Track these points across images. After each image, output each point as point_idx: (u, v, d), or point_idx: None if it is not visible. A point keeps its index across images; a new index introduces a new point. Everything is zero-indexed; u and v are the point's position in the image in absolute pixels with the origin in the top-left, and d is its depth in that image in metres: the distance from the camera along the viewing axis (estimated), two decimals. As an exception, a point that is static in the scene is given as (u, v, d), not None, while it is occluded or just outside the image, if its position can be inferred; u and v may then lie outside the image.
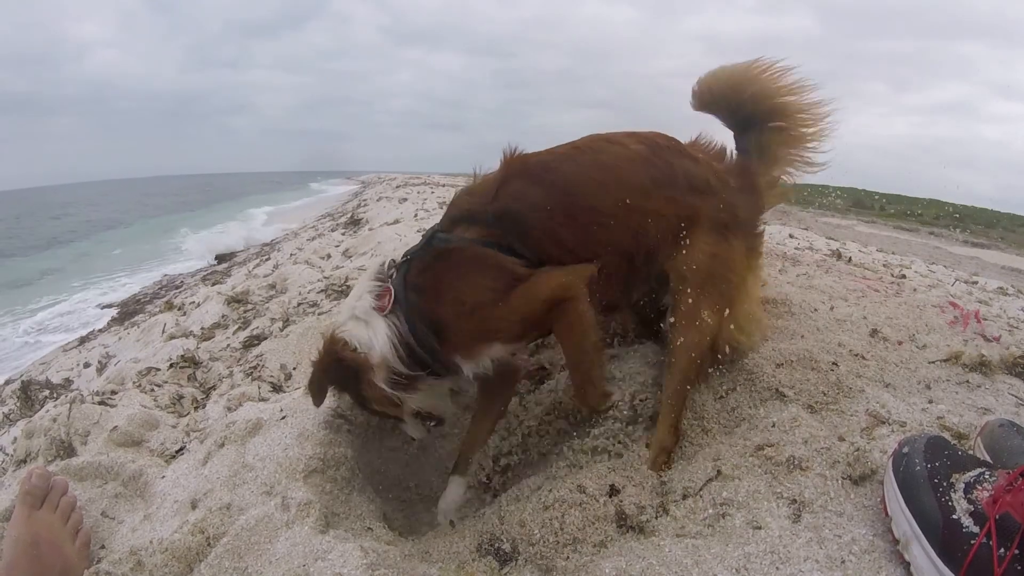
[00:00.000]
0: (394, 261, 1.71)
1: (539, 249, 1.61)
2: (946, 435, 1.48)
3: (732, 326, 1.68)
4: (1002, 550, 0.96)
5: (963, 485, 1.09)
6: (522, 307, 1.57)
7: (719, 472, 1.43)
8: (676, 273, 1.64)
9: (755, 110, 1.81)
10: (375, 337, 1.58)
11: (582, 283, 1.57)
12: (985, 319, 2.60)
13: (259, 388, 2.35)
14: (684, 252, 1.64)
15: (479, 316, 1.57)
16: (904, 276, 4.10)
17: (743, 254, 1.71)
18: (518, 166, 1.68)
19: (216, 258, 13.01)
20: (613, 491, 1.47)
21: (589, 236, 1.62)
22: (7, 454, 2.41)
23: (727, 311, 1.64)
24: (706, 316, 1.60)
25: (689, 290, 1.61)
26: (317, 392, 1.69)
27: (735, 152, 1.85)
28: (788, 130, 1.81)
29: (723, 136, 1.87)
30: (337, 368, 1.61)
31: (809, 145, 1.84)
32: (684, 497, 1.42)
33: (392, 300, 1.61)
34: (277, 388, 2.37)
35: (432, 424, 1.83)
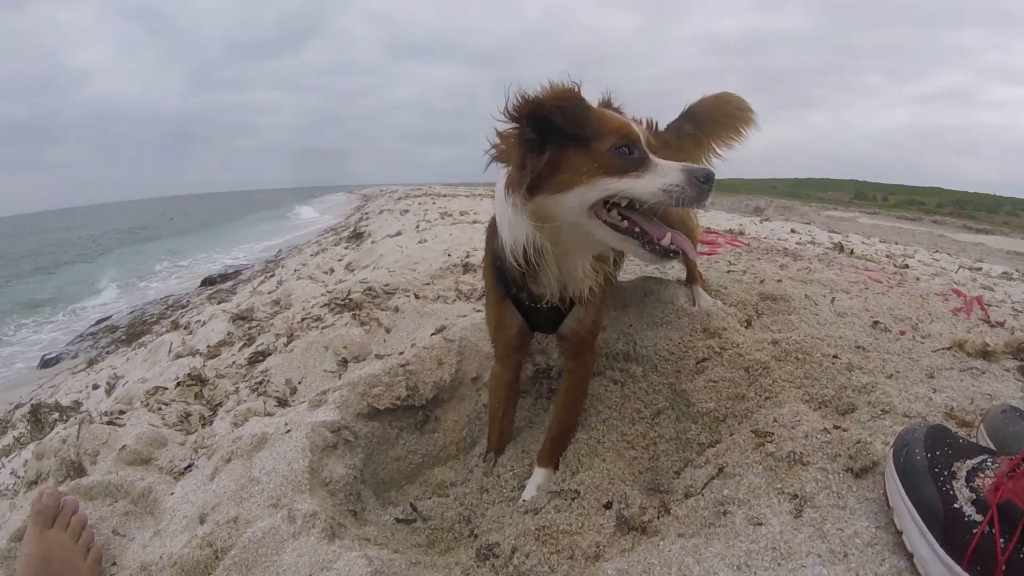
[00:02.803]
0: None
1: None
2: (951, 424, 1.48)
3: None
4: (1005, 537, 0.96)
5: (965, 473, 1.08)
6: None
7: (721, 470, 1.43)
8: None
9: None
10: None
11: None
12: (989, 305, 2.60)
13: (265, 403, 2.35)
14: None
15: None
16: (907, 266, 4.10)
17: None
18: None
19: (202, 282, 12.73)
20: (612, 495, 1.49)
21: None
22: (18, 476, 2.42)
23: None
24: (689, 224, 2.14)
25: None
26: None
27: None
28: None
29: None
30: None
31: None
32: (686, 496, 1.43)
33: None
34: (283, 403, 2.38)
35: None
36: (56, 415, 3.43)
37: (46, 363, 8.35)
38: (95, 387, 4.40)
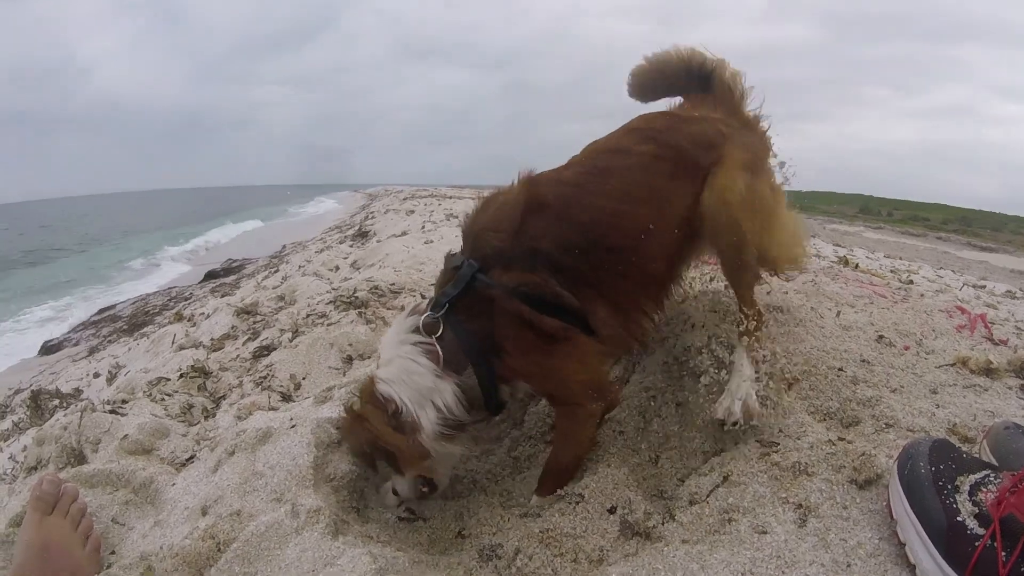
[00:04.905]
0: (425, 306, 1.60)
1: (576, 290, 1.53)
2: (953, 439, 1.48)
3: (776, 248, 1.73)
4: (1006, 551, 0.97)
5: (968, 487, 1.09)
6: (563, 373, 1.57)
7: (726, 478, 1.44)
8: (711, 206, 1.60)
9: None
10: (441, 396, 1.50)
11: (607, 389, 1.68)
12: (993, 323, 2.59)
13: (269, 397, 2.36)
14: (713, 188, 1.60)
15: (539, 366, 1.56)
16: (911, 282, 4.09)
17: (770, 190, 1.74)
18: (536, 200, 1.56)
19: (205, 275, 12.08)
20: (616, 499, 1.50)
21: (616, 275, 1.59)
22: (17, 462, 2.43)
23: (768, 232, 1.66)
24: (747, 229, 1.59)
25: (731, 212, 1.57)
26: (368, 465, 1.66)
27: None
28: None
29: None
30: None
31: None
32: (691, 503, 1.43)
33: (442, 361, 1.51)
34: (287, 397, 2.39)
35: (425, 489, 1.68)
36: (56, 402, 3.44)
37: (47, 349, 8.35)
38: (96, 375, 4.41)
